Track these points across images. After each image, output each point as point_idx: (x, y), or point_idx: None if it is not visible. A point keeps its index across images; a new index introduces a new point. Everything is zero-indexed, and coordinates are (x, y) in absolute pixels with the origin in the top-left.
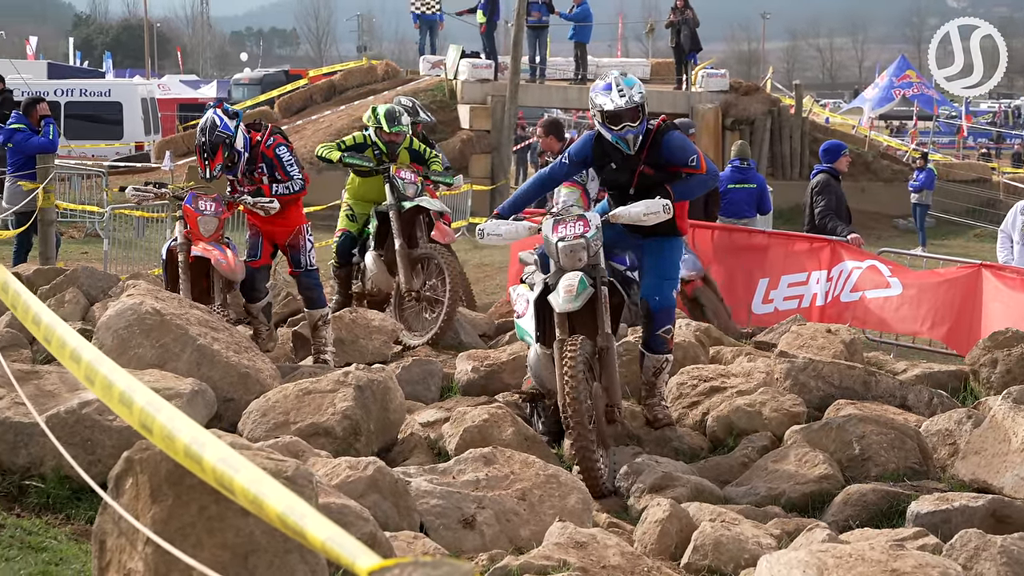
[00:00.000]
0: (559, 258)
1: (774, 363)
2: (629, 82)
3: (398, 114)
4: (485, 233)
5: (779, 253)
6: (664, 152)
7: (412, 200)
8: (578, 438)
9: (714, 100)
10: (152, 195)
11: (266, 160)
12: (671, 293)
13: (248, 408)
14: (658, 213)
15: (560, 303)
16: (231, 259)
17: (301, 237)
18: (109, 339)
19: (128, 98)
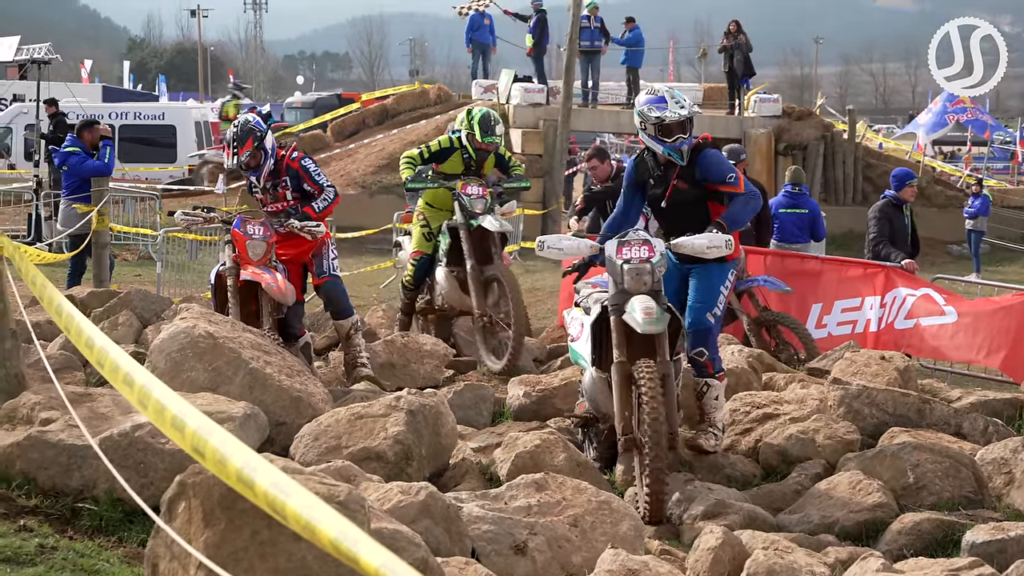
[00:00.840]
0: (623, 280)
1: (827, 390)
2: (680, 96)
3: (493, 122)
4: (546, 246)
5: (832, 278)
6: (699, 168)
7: (479, 218)
8: (654, 460)
9: (767, 125)
10: (201, 219)
11: (291, 173)
12: (705, 317)
13: (300, 432)
14: (720, 248)
15: (641, 324)
16: (281, 282)
17: (324, 247)
18: (162, 362)
19: (182, 121)
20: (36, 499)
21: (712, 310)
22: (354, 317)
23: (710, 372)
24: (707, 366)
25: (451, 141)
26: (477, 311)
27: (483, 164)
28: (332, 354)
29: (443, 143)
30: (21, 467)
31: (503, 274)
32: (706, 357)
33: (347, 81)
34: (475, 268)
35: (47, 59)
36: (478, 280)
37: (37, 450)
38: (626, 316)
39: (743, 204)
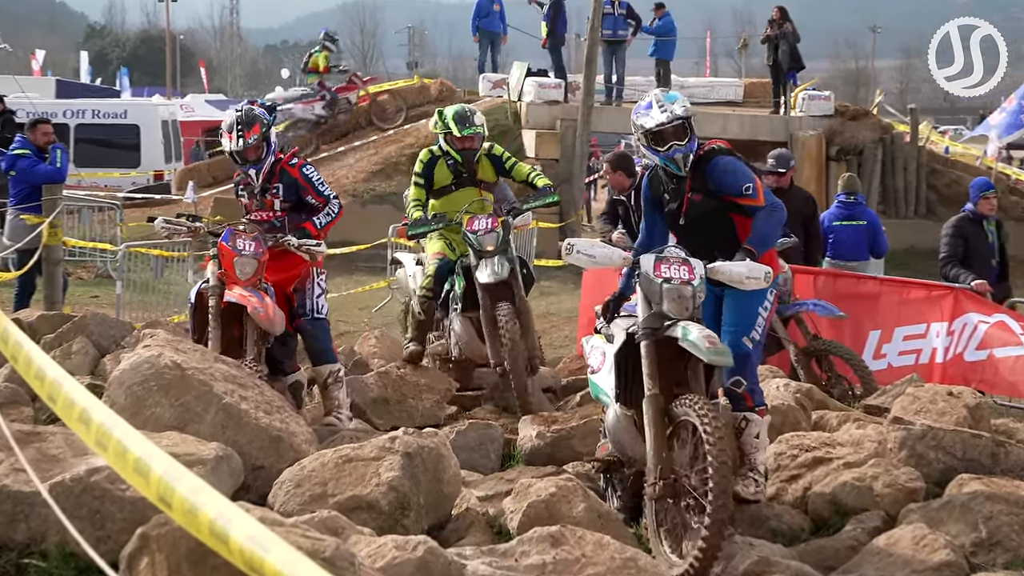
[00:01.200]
0: (662, 301)
1: (887, 430)
2: (671, 97)
3: (469, 113)
4: (575, 250)
5: (892, 301)
6: (711, 178)
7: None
8: (718, 510)
9: (817, 126)
10: (184, 228)
11: (285, 180)
12: (742, 341)
13: (280, 478)
14: (759, 280)
15: (705, 352)
16: (270, 308)
17: (311, 280)
18: (122, 397)
19: (147, 121)
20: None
21: (750, 334)
22: (335, 366)
23: (749, 405)
24: (745, 398)
25: (431, 152)
26: (492, 360)
27: (475, 169)
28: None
29: (423, 158)
30: None
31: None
32: (744, 388)
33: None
34: (487, 311)
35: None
36: (492, 324)
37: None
38: (682, 341)
39: (766, 220)
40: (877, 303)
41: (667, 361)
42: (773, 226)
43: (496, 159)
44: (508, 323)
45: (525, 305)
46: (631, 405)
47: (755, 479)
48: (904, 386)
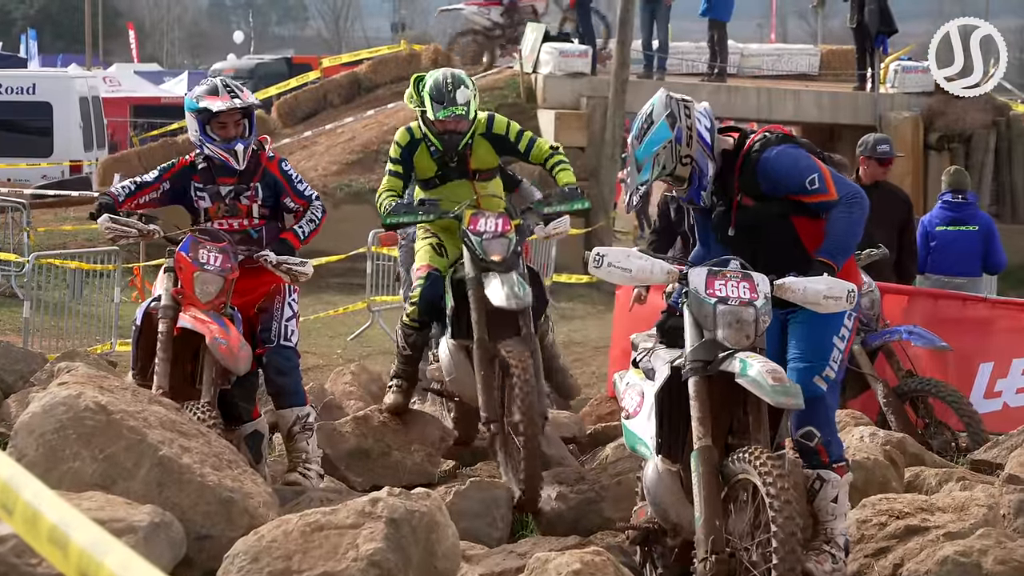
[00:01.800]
0: (716, 326)
1: (1000, 492)
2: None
3: (450, 85)
4: (605, 262)
5: (1007, 327)
6: (761, 178)
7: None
8: None
9: (913, 106)
10: (135, 231)
11: (266, 179)
12: (814, 382)
13: (232, 550)
14: (840, 300)
15: (770, 392)
16: (234, 340)
17: (279, 299)
18: (32, 447)
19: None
20: None
21: (823, 371)
22: (303, 409)
23: (824, 461)
24: (820, 452)
25: (409, 132)
26: (484, 414)
27: (466, 155)
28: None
29: (401, 140)
30: None
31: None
32: (818, 440)
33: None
34: (483, 343)
35: None
36: (487, 362)
37: None
38: (740, 378)
39: (845, 219)
40: (989, 329)
41: (721, 403)
42: (854, 225)
43: (498, 139)
44: (521, 368)
45: (535, 343)
46: (676, 459)
47: (832, 554)
48: (1021, 436)
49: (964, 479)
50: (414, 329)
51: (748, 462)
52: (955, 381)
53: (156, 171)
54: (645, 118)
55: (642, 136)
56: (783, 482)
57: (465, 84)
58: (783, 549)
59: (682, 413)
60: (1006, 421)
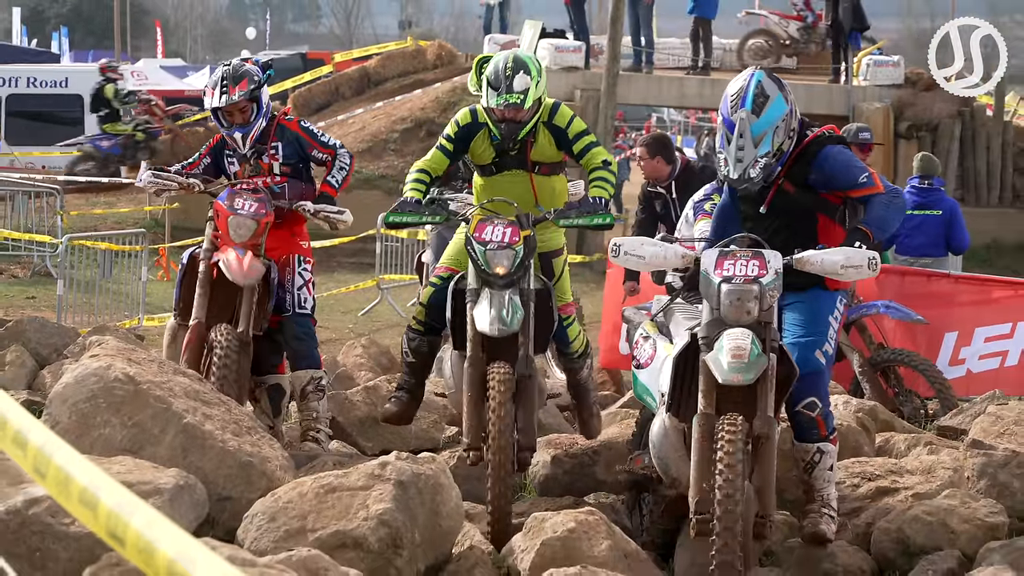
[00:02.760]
0: (719, 305)
1: (964, 456)
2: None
3: (511, 69)
4: (622, 251)
5: (971, 301)
6: (817, 169)
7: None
8: (722, 550)
9: (883, 97)
10: (175, 184)
11: (285, 138)
12: (814, 356)
13: (251, 510)
14: (861, 268)
15: (724, 371)
16: (242, 258)
17: (290, 269)
18: (65, 415)
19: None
20: None
21: (823, 346)
22: (318, 372)
23: (823, 435)
24: (819, 424)
25: (473, 114)
26: (465, 438)
27: (527, 145)
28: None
29: (462, 120)
30: None
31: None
32: (819, 411)
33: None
34: (475, 368)
35: None
36: (478, 383)
37: None
38: (709, 356)
39: (886, 204)
40: (953, 303)
41: None
42: (894, 212)
43: (557, 131)
44: (499, 393)
45: (533, 369)
46: (683, 419)
47: (831, 516)
48: (985, 404)
49: (931, 444)
50: (418, 334)
51: (719, 428)
52: (923, 351)
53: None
54: (756, 91)
55: (759, 110)
56: (732, 447)
57: (527, 70)
58: (721, 508)
59: (694, 377)
60: (971, 385)
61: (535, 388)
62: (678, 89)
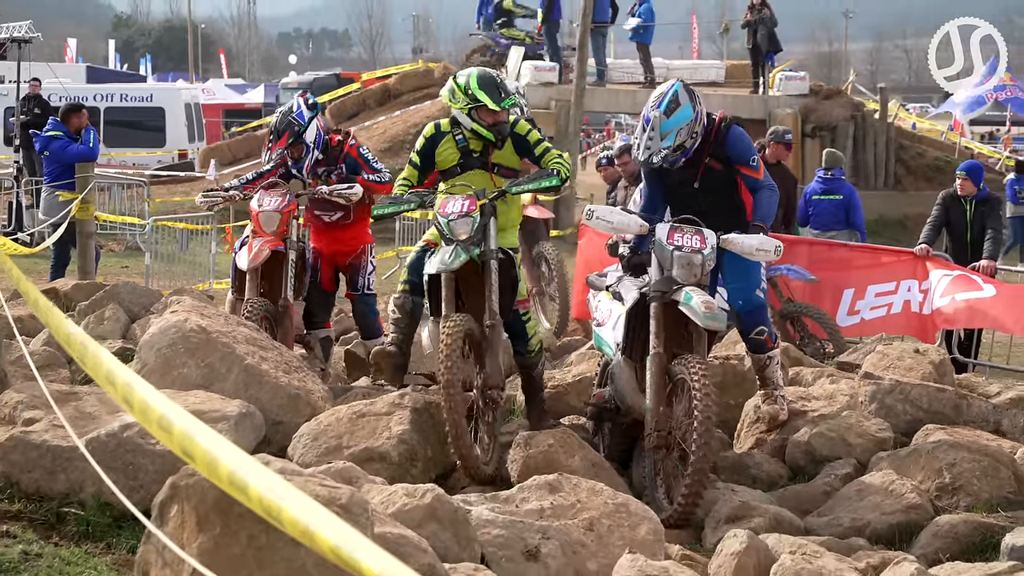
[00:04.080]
0: (672, 266)
1: (858, 385)
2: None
3: (498, 79)
4: (595, 216)
5: (864, 264)
6: (728, 145)
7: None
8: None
9: (793, 105)
10: (220, 199)
11: (348, 161)
12: (755, 295)
13: (298, 432)
14: (769, 252)
15: (702, 317)
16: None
17: (364, 257)
18: (152, 358)
19: (171, 103)
20: (19, 503)
21: (759, 287)
22: (379, 340)
23: (769, 346)
24: (767, 342)
25: (436, 127)
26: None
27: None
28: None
29: (427, 134)
30: (3, 469)
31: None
32: (766, 334)
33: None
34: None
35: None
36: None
37: (20, 452)
38: (683, 306)
39: (769, 199)
40: (849, 266)
41: (674, 323)
42: (773, 205)
43: (518, 139)
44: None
45: (496, 320)
46: (634, 359)
47: (781, 395)
48: (874, 344)
49: (832, 376)
50: (403, 292)
51: (685, 368)
52: (827, 305)
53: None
54: (671, 98)
55: (670, 112)
56: (707, 383)
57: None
58: (702, 428)
59: (643, 326)
60: (864, 329)
61: (498, 337)
62: (632, 99)
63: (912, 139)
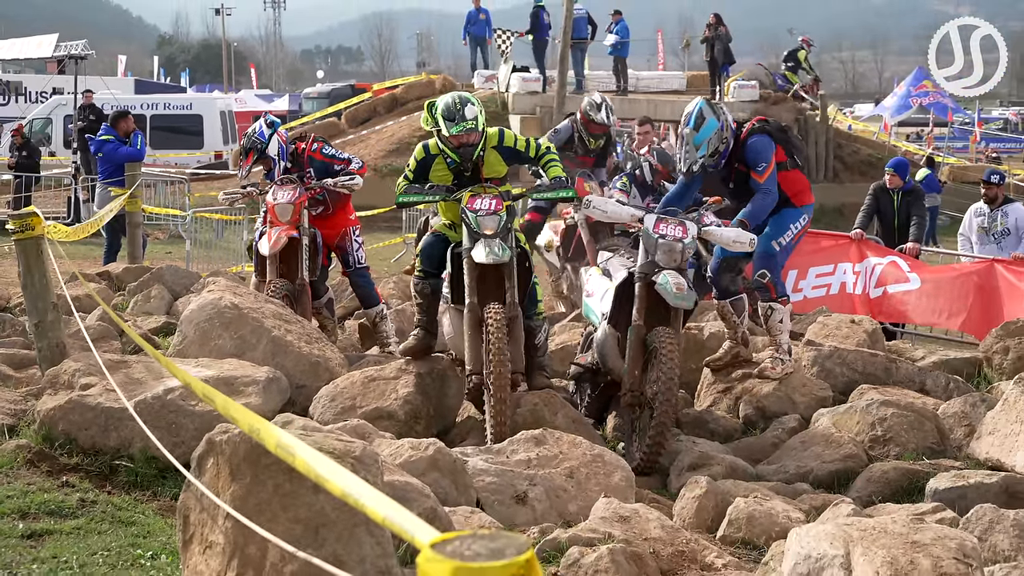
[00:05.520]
0: (656, 252)
1: (802, 351)
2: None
3: (459, 106)
4: (592, 205)
5: (806, 249)
6: (745, 152)
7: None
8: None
9: (745, 109)
10: (240, 195)
11: (315, 164)
12: (771, 244)
13: (318, 394)
14: (743, 245)
15: (673, 297)
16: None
17: (348, 238)
18: (192, 331)
19: (208, 111)
20: (77, 458)
21: (779, 239)
22: (379, 307)
23: (773, 296)
24: (769, 289)
25: (425, 148)
26: (468, 366)
27: (479, 165)
28: (348, 323)
29: (418, 155)
30: (63, 428)
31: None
32: (769, 279)
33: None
34: (473, 308)
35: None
36: (475, 324)
37: (78, 412)
38: (659, 286)
39: (761, 201)
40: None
41: (657, 300)
42: (764, 207)
43: (509, 151)
44: (496, 327)
45: (517, 309)
46: (619, 328)
47: (781, 358)
48: (816, 316)
49: None
50: (420, 278)
51: (657, 338)
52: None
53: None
54: (697, 116)
55: (698, 127)
56: (671, 349)
57: (471, 102)
58: (665, 387)
59: (628, 301)
60: (805, 305)
61: (519, 326)
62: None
63: (848, 139)
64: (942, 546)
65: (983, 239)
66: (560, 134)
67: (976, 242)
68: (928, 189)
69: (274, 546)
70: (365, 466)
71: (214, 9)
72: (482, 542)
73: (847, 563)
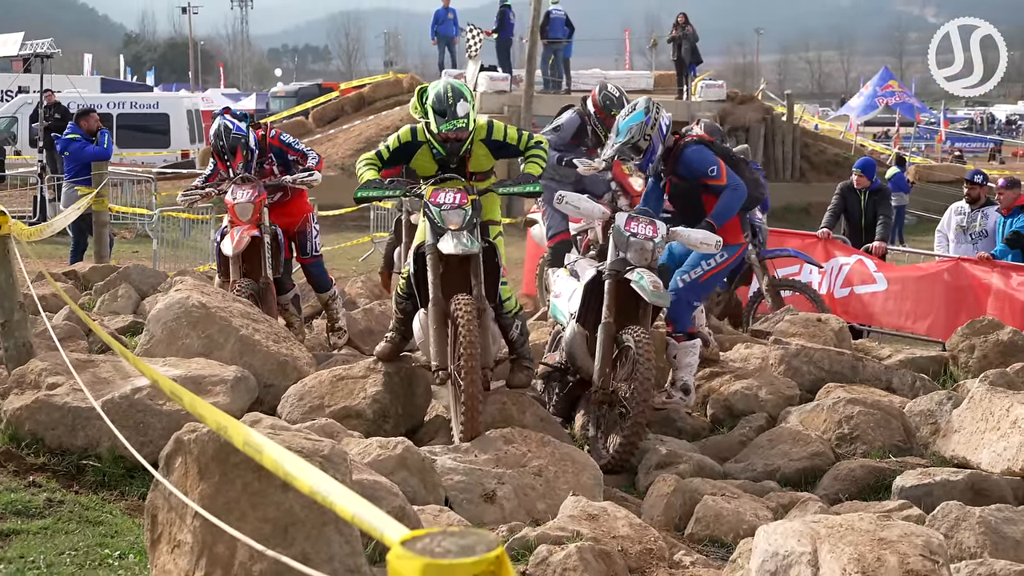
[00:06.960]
0: (627, 250)
1: (769, 350)
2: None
3: (452, 99)
4: (564, 201)
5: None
6: (680, 165)
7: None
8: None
9: (712, 109)
10: (199, 195)
11: (274, 150)
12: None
13: (287, 393)
14: (710, 246)
15: (649, 294)
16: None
17: (308, 224)
18: (159, 330)
19: (175, 110)
20: (44, 457)
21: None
22: (332, 290)
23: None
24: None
25: (413, 133)
26: (433, 362)
27: (465, 159)
28: (316, 322)
29: (403, 137)
30: (30, 428)
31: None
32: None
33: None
34: (438, 303)
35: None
36: (440, 319)
37: (44, 412)
38: (635, 284)
39: (728, 198)
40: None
41: (626, 297)
42: (733, 203)
43: (497, 144)
44: (466, 319)
45: (483, 302)
46: (587, 327)
47: (670, 392)
48: (783, 314)
49: (747, 342)
50: (403, 298)
51: (632, 336)
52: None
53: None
54: (632, 106)
55: (626, 116)
56: (647, 348)
57: (465, 97)
58: (641, 387)
59: (597, 300)
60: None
61: (487, 320)
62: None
63: (815, 138)
64: (909, 543)
65: (960, 238)
66: (565, 129)
67: (953, 240)
68: (896, 188)
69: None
70: (334, 465)
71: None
72: (452, 539)
73: (814, 560)
